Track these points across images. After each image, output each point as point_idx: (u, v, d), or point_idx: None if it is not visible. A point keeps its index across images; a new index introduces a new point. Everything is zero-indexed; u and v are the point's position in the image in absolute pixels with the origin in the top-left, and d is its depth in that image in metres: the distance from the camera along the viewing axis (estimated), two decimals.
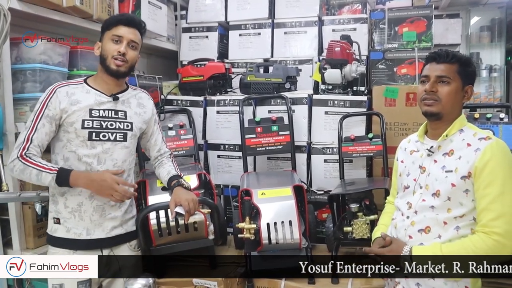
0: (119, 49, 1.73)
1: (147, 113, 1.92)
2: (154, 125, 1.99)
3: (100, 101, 1.76)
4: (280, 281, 2.03)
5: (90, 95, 1.76)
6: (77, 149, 1.72)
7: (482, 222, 1.41)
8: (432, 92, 1.52)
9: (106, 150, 1.76)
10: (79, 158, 1.73)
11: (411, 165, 1.64)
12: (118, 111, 1.80)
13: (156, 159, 2.05)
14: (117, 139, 1.78)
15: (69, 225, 1.74)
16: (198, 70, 3.00)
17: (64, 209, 1.74)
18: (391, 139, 2.56)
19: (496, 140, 1.46)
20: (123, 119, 1.81)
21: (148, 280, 1.64)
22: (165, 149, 2.06)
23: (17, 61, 2.00)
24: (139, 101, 1.90)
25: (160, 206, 2.00)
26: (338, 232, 2.19)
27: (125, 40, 1.74)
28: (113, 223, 1.81)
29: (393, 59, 3.00)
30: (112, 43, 1.74)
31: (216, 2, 3.36)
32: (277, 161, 2.82)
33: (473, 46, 4.27)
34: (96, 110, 1.74)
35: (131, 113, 1.84)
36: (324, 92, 2.76)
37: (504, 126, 2.32)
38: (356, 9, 3.39)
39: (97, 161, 1.74)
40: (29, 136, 1.67)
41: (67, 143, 1.73)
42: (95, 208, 1.76)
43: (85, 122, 1.72)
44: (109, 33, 1.76)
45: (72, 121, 1.70)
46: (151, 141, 2.00)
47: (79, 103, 1.72)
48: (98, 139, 1.74)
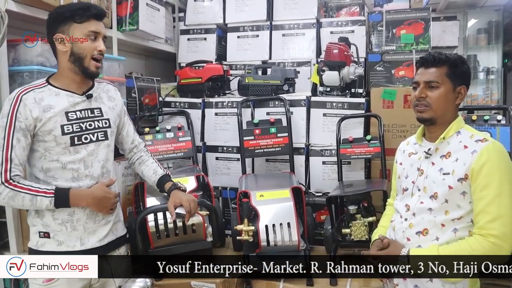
0: (99, 47, 1.59)
1: (118, 105, 1.80)
2: (124, 116, 1.86)
3: (74, 102, 1.61)
4: (278, 283, 2.02)
5: (61, 97, 1.60)
6: (59, 157, 1.59)
7: (479, 224, 1.41)
8: (421, 98, 1.53)
9: (91, 152, 1.64)
10: (64, 166, 1.59)
11: (409, 167, 1.64)
12: (94, 109, 1.67)
13: (131, 151, 1.93)
14: (99, 139, 1.67)
15: (61, 238, 1.61)
16: (196, 72, 3.00)
17: (53, 221, 1.60)
18: (389, 141, 2.56)
19: (492, 142, 1.46)
20: (100, 117, 1.68)
21: (146, 282, 1.63)
22: (138, 140, 1.94)
23: (14, 63, 2.00)
24: (108, 94, 1.77)
25: (159, 208, 2.00)
26: (336, 234, 2.19)
27: (100, 37, 1.61)
28: (106, 229, 1.70)
29: (391, 61, 3.00)
30: (89, 41, 1.57)
31: (214, 4, 3.37)
32: (275, 163, 2.81)
33: (470, 48, 4.30)
34: (72, 113, 1.60)
35: (105, 108, 1.72)
36: (322, 94, 2.76)
37: (501, 128, 2.33)
38: (354, 11, 3.41)
39: (84, 166, 1.63)
40: (7, 155, 1.50)
41: (45, 152, 1.58)
42: (89, 214, 1.65)
43: (65, 127, 1.58)
44: (79, 27, 1.56)
45: (49, 129, 1.55)
46: (123, 133, 1.87)
47: (53, 108, 1.56)
48: (81, 142, 1.61)
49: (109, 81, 1.85)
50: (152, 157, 1.96)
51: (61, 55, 1.60)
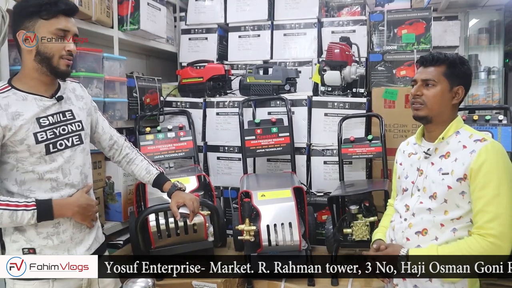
0: (68, 47, 1.44)
1: (87, 104, 1.67)
2: (95, 112, 1.73)
3: (44, 106, 1.47)
4: (280, 283, 2.03)
5: (28, 102, 1.44)
6: (35, 167, 1.45)
7: (478, 224, 1.41)
8: (417, 96, 1.54)
9: (67, 159, 1.51)
10: (41, 177, 1.46)
11: (409, 167, 1.64)
12: (65, 112, 1.53)
13: (111, 149, 1.80)
14: (75, 143, 1.54)
15: (48, 253, 1.49)
16: (198, 72, 3.00)
17: (37, 236, 1.47)
18: (391, 140, 2.56)
19: (491, 142, 1.46)
20: (72, 120, 1.55)
21: (147, 282, 1.63)
22: (117, 135, 1.81)
23: (15, 63, 1.99)
24: (75, 93, 1.63)
25: (160, 208, 2.00)
26: (337, 233, 2.19)
27: (70, 35, 1.46)
28: (91, 237, 1.61)
29: (392, 61, 3.00)
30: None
31: (216, 4, 3.36)
32: (276, 163, 2.81)
33: (471, 48, 4.29)
34: (44, 118, 1.46)
35: (76, 110, 1.58)
36: (324, 94, 2.76)
37: (502, 128, 2.33)
38: (355, 11, 3.40)
39: (62, 174, 1.50)
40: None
41: (18, 164, 1.43)
42: (75, 224, 1.54)
43: (38, 135, 1.43)
44: (47, 24, 1.41)
45: (20, 138, 1.41)
46: (98, 131, 1.74)
47: (22, 115, 1.41)
48: (56, 149, 1.48)
49: (73, 79, 1.69)
50: (140, 154, 1.87)
51: (25, 54, 1.44)
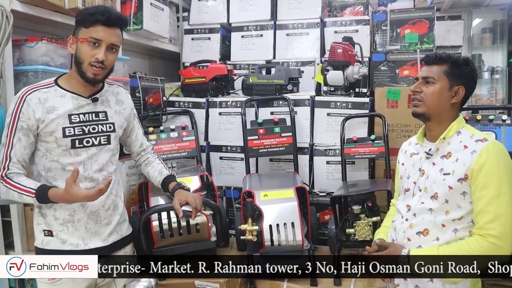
0: (97, 55, 1.53)
1: (127, 109, 1.79)
2: (133, 120, 1.85)
3: (79, 104, 1.60)
4: (282, 283, 2.03)
5: (66, 99, 1.58)
6: (59, 158, 1.58)
7: (479, 225, 1.41)
8: (416, 92, 1.55)
9: (91, 156, 1.62)
10: (63, 168, 1.59)
11: (411, 167, 1.64)
12: (99, 113, 1.65)
13: (138, 154, 1.94)
14: (102, 143, 1.65)
15: (64, 237, 1.61)
16: (200, 72, 3.00)
17: (55, 221, 1.60)
18: (394, 140, 2.55)
19: (492, 142, 1.46)
20: (104, 121, 1.66)
21: (150, 282, 1.63)
22: (146, 144, 1.94)
23: (19, 63, 2.01)
24: (117, 97, 1.75)
25: (163, 208, 2.00)
26: (340, 233, 2.19)
27: (105, 44, 1.54)
28: (109, 229, 1.69)
29: (395, 60, 3.00)
30: (89, 46, 1.54)
31: (218, 4, 3.37)
32: (279, 163, 2.81)
33: (475, 48, 4.26)
34: (75, 115, 1.59)
35: (111, 112, 1.69)
36: (326, 94, 2.76)
37: (506, 128, 2.32)
38: (358, 11, 3.39)
39: (83, 168, 1.60)
40: (7, 154, 1.54)
41: (47, 153, 1.59)
42: (90, 215, 1.63)
43: (66, 130, 1.56)
44: (85, 31, 1.54)
45: (51, 130, 1.55)
46: (131, 136, 1.87)
47: (56, 110, 1.56)
48: (82, 146, 1.60)
49: (120, 84, 1.83)
50: (159, 159, 1.97)
51: (72, 56, 1.61)
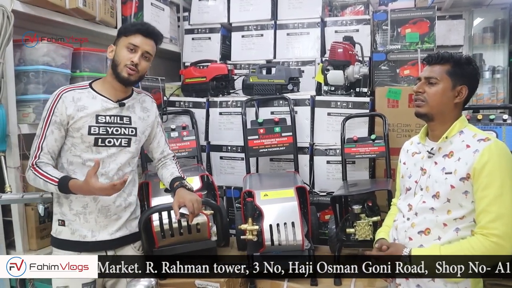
0: (132, 58, 1.73)
1: (151, 117, 1.93)
2: (157, 127, 1.99)
3: (107, 107, 1.77)
4: (282, 283, 2.02)
5: (96, 101, 1.76)
6: (82, 153, 1.74)
7: (481, 224, 1.41)
8: (419, 93, 1.55)
9: (110, 155, 1.77)
10: (83, 163, 1.74)
11: (412, 167, 1.64)
12: (124, 117, 1.81)
13: (159, 161, 2.05)
14: (122, 145, 1.80)
15: (74, 227, 1.75)
16: (201, 72, 3.00)
17: (69, 211, 1.76)
18: (394, 140, 2.55)
19: (495, 141, 1.46)
20: (127, 125, 1.82)
21: (150, 281, 1.63)
22: (168, 151, 2.06)
23: (20, 63, 2.01)
24: (143, 105, 1.91)
25: (163, 207, 2.00)
26: (340, 233, 2.19)
27: (140, 51, 1.75)
28: (118, 225, 1.81)
29: (396, 60, 2.99)
30: (127, 51, 1.73)
31: (219, 4, 3.37)
32: (279, 163, 2.81)
33: (476, 47, 4.27)
34: (102, 116, 1.75)
35: (135, 118, 1.85)
36: (327, 94, 2.76)
37: (507, 127, 2.32)
38: (359, 11, 3.39)
39: (102, 165, 1.73)
40: (39, 144, 1.70)
41: (71, 147, 1.75)
42: (100, 209, 1.77)
43: (92, 128, 1.73)
44: (125, 39, 1.75)
45: (78, 126, 1.72)
46: (154, 143, 2.00)
47: (86, 109, 1.73)
48: (104, 145, 1.75)
49: (148, 93, 1.98)
50: (176, 164, 2.06)
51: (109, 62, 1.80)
